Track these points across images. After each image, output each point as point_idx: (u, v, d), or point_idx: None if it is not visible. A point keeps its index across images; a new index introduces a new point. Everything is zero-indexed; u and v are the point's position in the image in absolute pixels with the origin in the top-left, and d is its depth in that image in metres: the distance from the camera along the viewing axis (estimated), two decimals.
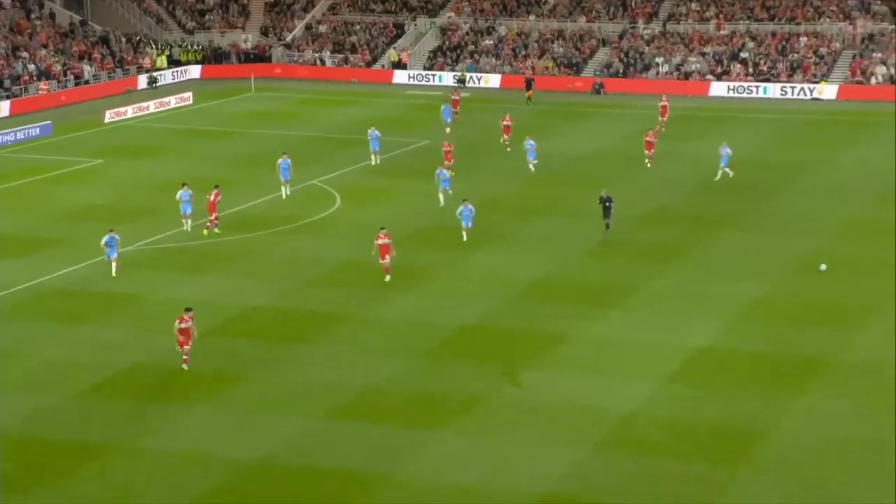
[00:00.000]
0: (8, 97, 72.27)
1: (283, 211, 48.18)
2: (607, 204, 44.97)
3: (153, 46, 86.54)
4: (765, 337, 34.86)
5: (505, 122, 61.34)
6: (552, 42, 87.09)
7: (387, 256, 39.45)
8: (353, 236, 45.36)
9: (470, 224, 43.81)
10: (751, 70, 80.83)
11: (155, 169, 57.14)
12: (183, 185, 45.63)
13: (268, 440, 28.65)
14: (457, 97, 70.20)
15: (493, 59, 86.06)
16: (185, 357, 32.58)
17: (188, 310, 32.86)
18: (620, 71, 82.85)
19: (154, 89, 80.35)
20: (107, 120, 69.61)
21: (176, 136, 66.13)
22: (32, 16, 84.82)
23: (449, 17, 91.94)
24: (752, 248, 43.51)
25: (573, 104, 76.05)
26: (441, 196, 48.89)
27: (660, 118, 65.09)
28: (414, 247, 44.14)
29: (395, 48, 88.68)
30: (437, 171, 49.67)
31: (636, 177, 54.38)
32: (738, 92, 78.93)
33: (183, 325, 32.52)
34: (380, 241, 39.42)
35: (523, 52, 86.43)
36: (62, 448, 28.28)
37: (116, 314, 37.16)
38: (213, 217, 45.32)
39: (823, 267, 35.91)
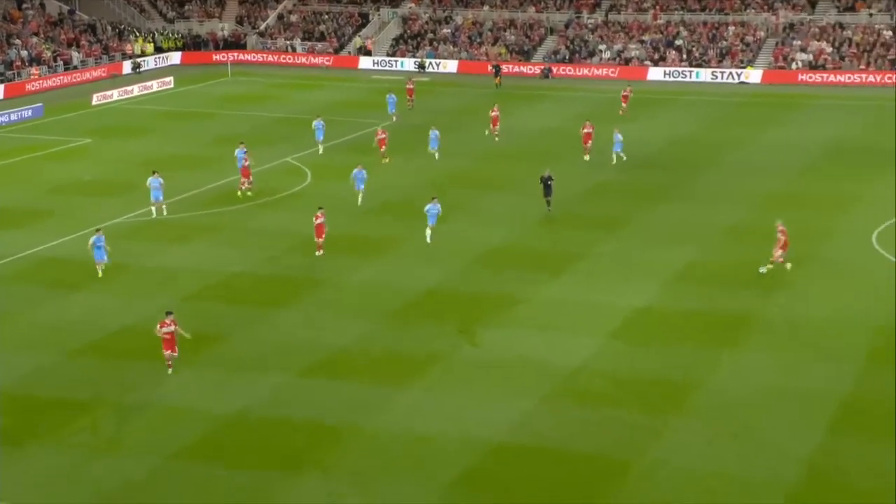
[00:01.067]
0: (2, 81, 71.15)
1: (261, 186, 47.83)
2: (548, 182, 43.65)
3: (137, 34, 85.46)
4: (697, 297, 35.06)
5: (493, 113, 58.24)
6: (505, 30, 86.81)
7: (322, 235, 38.92)
8: (328, 209, 45.04)
9: (434, 223, 40.09)
10: (685, 56, 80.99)
11: (139, 147, 56.53)
12: (153, 172, 44.57)
13: (245, 395, 28.51)
14: (411, 86, 67.69)
15: (451, 47, 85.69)
16: (168, 363, 29.72)
17: (168, 314, 29.87)
18: (567, 57, 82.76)
19: (138, 74, 79.40)
20: (94, 102, 68.75)
21: (159, 118, 65.43)
22: (24, 6, 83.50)
23: (410, 8, 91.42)
24: (685, 218, 43.70)
25: (525, 87, 75.93)
26: (360, 197, 44.44)
27: (622, 105, 64.88)
28: (380, 218, 44.03)
29: (360, 36, 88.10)
30: (355, 172, 44.71)
31: (580, 155, 54.39)
32: (673, 77, 79.09)
33: (165, 330, 29.43)
34: (317, 221, 38.88)
35: (478, 40, 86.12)
36: (55, 404, 28.03)
37: (105, 281, 36.79)
38: (248, 180, 45.79)
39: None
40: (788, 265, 36.44)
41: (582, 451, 25.69)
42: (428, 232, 40.30)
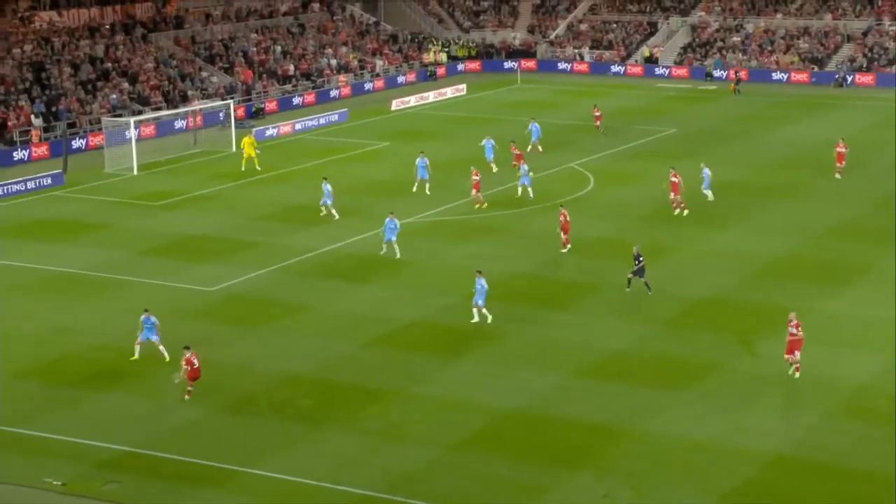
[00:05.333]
0: (313, 88, 75.37)
1: (541, 189, 48.21)
2: (639, 259, 35.61)
3: (434, 43, 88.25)
4: None
5: (839, 150, 49.69)
6: (798, 38, 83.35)
7: (567, 232, 39.73)
8: (605, 214, 45.03)
9: (481, 302, 33.50)
10: None
11: (432, 150, 58.25)
12: (420, 152, 45.49)
13: (523, 392, 28.85)
14: (598, 112, 61.53)
15: (740, 55, 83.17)
16: (189, 389, 28.38)
17: (186, 349, 28.36)
18: (864, 66, 78.39)
19: (433, 81, 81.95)
20: (393, 108, 71.50)
21: (451, 122, 67.25)
22: (335, 17, 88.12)
23: (700, 16, 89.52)
24: None
25: (817, 96, 72.62)
26: (384, 246, 39.98)
27: None
28: (657, 224, 43.41)
29: (647, 45, 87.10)
30: (387, 220, 39.94)
31: (874, 162, 51.41)
32: None
33: (195, 366, 28.01)
34: (562, 218, 39.64)
35: (769, 48, 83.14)
36: (349, 390, 29.34)
37: (397, 276, 38.20)
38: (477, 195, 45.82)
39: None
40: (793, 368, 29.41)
41: (863, 468, 24.33)
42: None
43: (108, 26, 72.57)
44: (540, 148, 56.21)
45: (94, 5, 73.69)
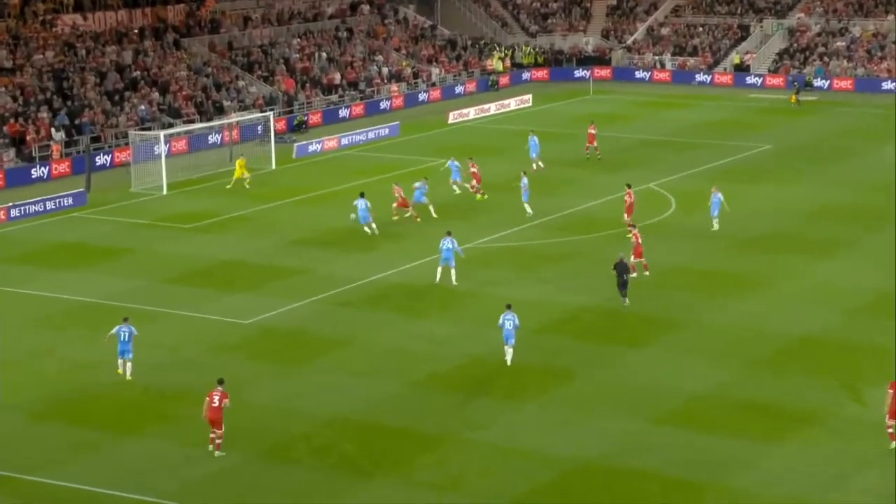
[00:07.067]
0: (362, 99, 76.13)
1: (618, 214, 48.21)
2: (624, 276, 37.69)
3: (497, 49, 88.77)
4: None
5: None
6: None
7: (640, 255, 40.20)
8: (688, 241, 44.93)
9: (512, 341, 33.33)
10: None
11: (492, 168, 58.51)
12: (360, 194, 46.73)
13: (592, 440, 28.84)
14: (593, 131, 59.99)
15: (845, 62, 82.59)
16: (217, 441, 28.17)
17: (220, 382, 28.64)
18: None
19: (496, 91, 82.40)
20: (450, 121, 71.99)
21: (514, 137, 67.38)
22: (387, 21, 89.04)
23: (798, 18, 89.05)
24: None
25: None
26: (439, 271, 40.31)
27: None
28: (749, 252, 43.23)
29: (738, 51, 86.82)
30: (444, 241, 40.25)
31: None
32: None
33: (213, 405, 27.99)
34: (634, 240, 40.43)
35: (879, 54, 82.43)
36: (399, 435, 29.50)
37: (453, 308, 38.42)
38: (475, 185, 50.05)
39: None
40: None
41: None
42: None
43: (136, 31, 74.01)
44: (541, 164, 56.46)
45: (122, 8, 75.21)
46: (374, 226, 46.26)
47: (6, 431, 29.99)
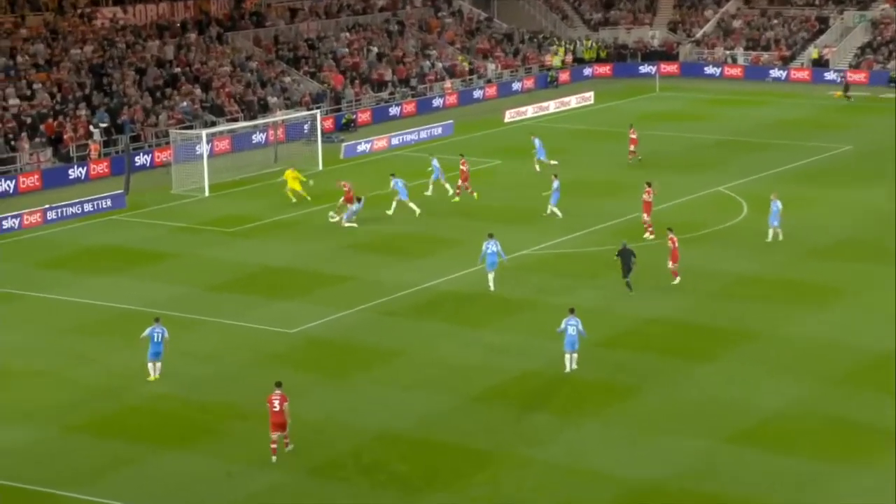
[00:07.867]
0: (414, 96, 76.19)
1: (685, 218, 47.85)
2: (631, 259, 39.39)
3: (557, 44, 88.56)
4: None
5: None
6: None
7: (676, 261, 40.23)
8: (762, 248, 44.50)
9: (576, 346, 33.62)
10: None
11: (550, 171, 58.34)
12: (391, 175, 49.22)
13: (660, 461, 28.58)
14: (634, 135, 59.87)
15: None
16: (285, 440, 28.82)
17: (278, 385, 29.06)
18: None
19: (555, 88, 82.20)
20: (507, 119, 71.90)
21: (574, 137, 67.28)
22: (440, 14, 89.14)
23: (882, 10, 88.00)
24: None
25: None
26: (490, 278, 40.55)
27: None
28: (829, 261, 42.76)
29: (816, 45, 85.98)
30: (486, 244, 40.40)
31: None
32: None
33: (275, 409, 28.50)
34: (671, 245, 40.28)
35: None
36: (452, 452, 29.42)
37: (509, 318, 38.29)
38: (464, 184, 51.61)
39: None
40: None
41: None
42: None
43: (178, 24, 74.72)
44: (545, 163, 56.39)
45: (163, 0, 75.88)
46: (412, 205, 48.92)
47: (39, 444, 30.22)
